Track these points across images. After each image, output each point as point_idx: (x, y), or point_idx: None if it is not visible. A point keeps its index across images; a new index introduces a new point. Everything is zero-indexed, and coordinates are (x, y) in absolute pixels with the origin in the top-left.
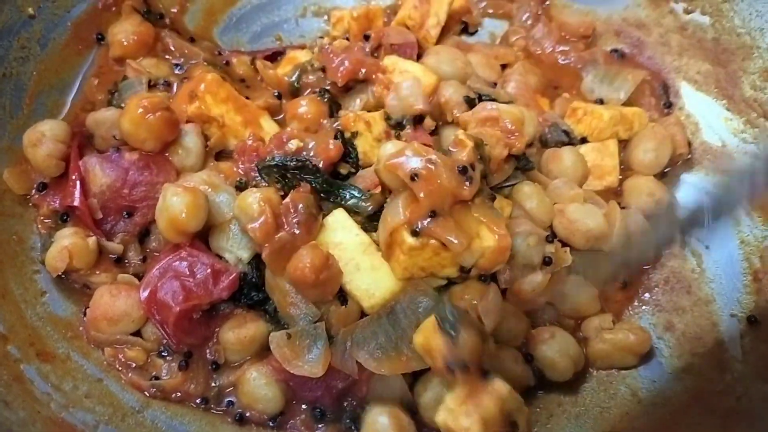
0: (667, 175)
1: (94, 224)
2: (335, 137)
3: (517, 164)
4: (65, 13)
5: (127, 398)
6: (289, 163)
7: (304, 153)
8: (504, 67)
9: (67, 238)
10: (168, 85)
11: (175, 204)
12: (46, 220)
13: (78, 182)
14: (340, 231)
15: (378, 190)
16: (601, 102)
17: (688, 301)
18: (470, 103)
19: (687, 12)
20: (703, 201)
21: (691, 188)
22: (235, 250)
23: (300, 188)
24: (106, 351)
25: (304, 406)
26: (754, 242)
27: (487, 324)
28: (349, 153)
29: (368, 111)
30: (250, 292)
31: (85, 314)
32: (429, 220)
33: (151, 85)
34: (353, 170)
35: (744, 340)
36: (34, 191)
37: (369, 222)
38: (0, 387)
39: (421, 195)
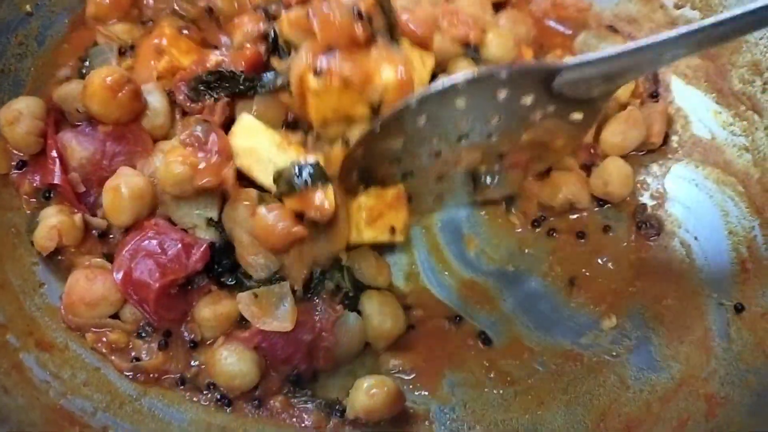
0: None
1: (77, 199)
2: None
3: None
4: (62, 11)
5: (125, 386)
6: (208, 77)
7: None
8: (497, 8)
9: (53, 216)
10: (134, 49)
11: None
12: (30, 200)
13: (57, 159)
14: (250, 136)
15: None
16: None
17: (678, 291)
18: None
19: (677, 7)
20: None
21: (681, 181)
22: (204, 213)
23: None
24: (88, 336)
25: (278, 375)
26: (742, 233)
27: None
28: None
29: None
30: (221, 259)
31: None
32: (328, 58)
33: (121, 53)
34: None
35: (731, 328)
36: (13, 170)
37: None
38: (0, 375)
39: (317, 31)
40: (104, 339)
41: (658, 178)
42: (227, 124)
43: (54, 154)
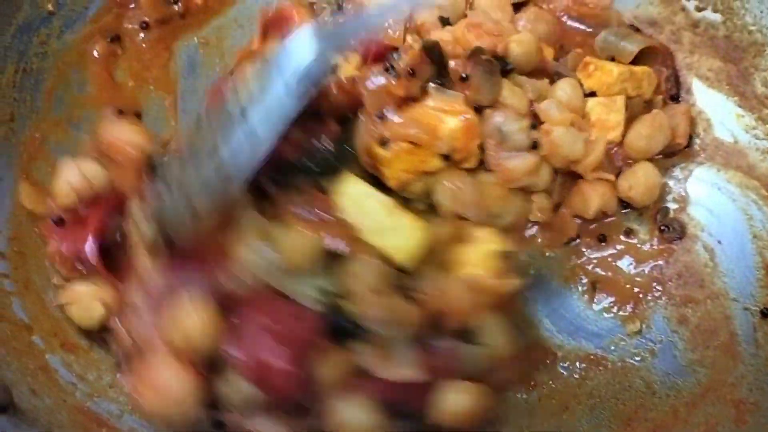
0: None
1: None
2: None
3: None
4: (83, 9)
5: None
6: None
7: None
8: (517, 8)
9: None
10: None
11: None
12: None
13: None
14: (358, 204)
15: None
16: (612, 59)
17: (702, 295)
18: (445, 23)
19: (698, 10)
20: None
21: (704, 184)
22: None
23: None
24: None
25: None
26: (766, 237)
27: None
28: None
29: None
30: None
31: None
32: (389, 124)
33: None
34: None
35: (757, 333)
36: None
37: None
38: (27, 376)
39: (366, 99)
40: None
41: (680, 182)
42: None
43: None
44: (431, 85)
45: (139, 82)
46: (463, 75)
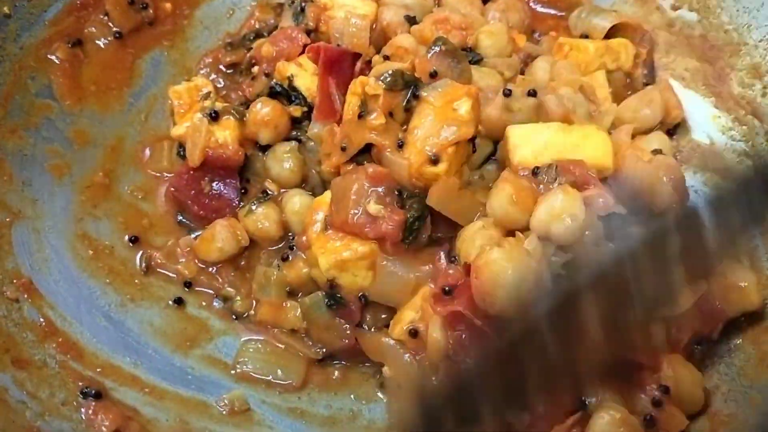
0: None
1: None
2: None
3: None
4: (41, 12)
5: None
6: None
7: None
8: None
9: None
10: None
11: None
12: None
13: None
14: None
15: None
16: (586, 37)
17: None
18: (411, 21)
19: (674, 8)
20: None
21: None
22: None
23: None
24: None
25: None
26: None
27: None
28: (295, 95)
29: None
30: None
31: None
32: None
33: None
34: (305, 109)
35: (731, 342)
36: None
37: None
38: None
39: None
40: None
41: None
42: None
43: None
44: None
45: (101, 86)
46: (432, 71)
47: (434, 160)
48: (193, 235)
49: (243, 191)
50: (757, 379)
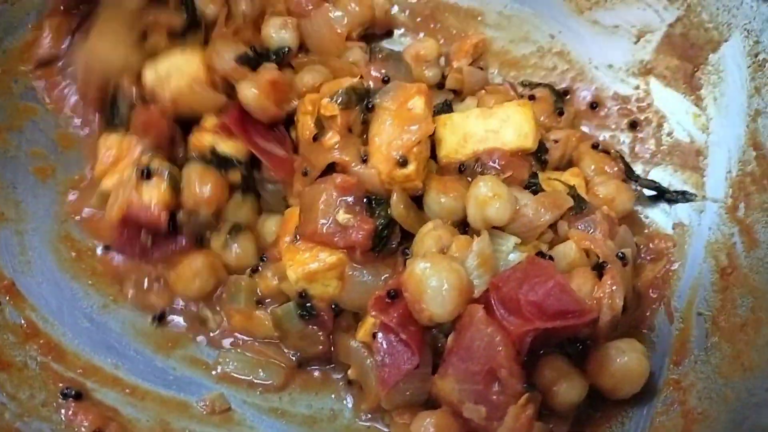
0: None
1: None
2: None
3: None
4: (25, 15)
5: None
6: None
7: None
8: None
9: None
10: None
11: None
12: None
13: None
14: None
15: None
16: None
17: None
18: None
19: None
20: None
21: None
22: None
23: None
24: None
25: None
26: (721, 240)
27: None
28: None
29: None
30: None
31: None
32: None
33: None
34: (244, 172)
35: (709, 340)
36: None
37: None
38: None
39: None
40: None
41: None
42: None
43: None
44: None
45: None
46: (384, 77)
47: (402, 163)
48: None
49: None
50: (732, 377)
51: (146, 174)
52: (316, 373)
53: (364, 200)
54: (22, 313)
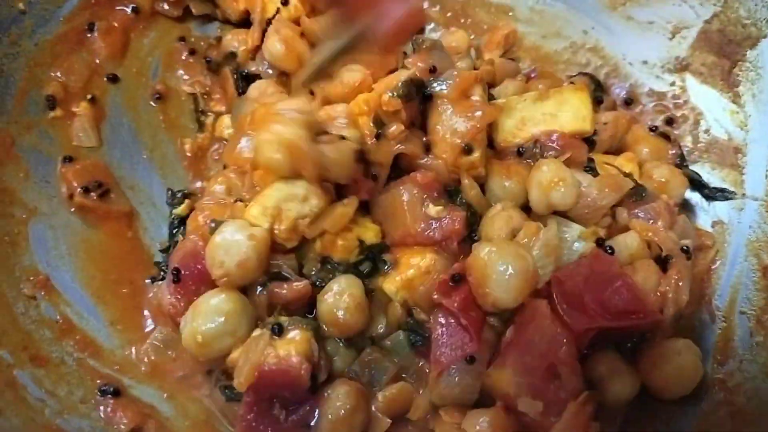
0: None
1: None
2: None
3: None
4: (56, 8)
5: None
6: None
7: None
8: None
9: None
10: None
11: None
12: None
13: None
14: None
15: None
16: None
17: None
18: None
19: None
20: None
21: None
22: None
23: None
24: None
25: None
26: (763, 238)
27: None
28: None
29: None
30: None
31: None
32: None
33: None
34: None
35: (753, 339)
36: None
37: None
38: None
39: None
40: None
41: None
42: None
43: None
44: None
45: None
46: (431, 67)
47: (467, 150)
48: None
49: None
50: None
51: (278, 331)
52: None
53: (445, 191)
54: (57, 308)
